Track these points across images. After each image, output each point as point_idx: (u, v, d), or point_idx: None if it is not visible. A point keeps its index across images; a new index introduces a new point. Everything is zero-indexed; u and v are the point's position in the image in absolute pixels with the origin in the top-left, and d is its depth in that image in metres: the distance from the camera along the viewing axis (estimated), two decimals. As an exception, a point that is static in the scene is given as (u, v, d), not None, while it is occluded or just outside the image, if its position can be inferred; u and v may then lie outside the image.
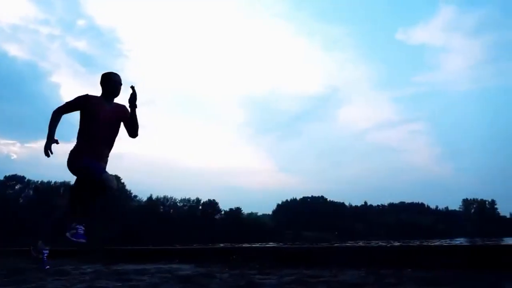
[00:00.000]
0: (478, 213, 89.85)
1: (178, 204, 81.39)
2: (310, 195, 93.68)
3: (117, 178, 59.45)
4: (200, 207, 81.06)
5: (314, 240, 58.59)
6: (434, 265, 2.22)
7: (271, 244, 10.16)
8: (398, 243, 4.23)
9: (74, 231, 2.91)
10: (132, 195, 74.57)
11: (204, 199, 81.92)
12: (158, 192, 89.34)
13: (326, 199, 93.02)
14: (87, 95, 3.10)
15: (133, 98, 3.10)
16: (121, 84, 3.18)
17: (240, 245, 6.81)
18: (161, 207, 78.70)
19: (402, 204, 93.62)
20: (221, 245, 6.27)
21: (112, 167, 3.08)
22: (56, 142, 2.96)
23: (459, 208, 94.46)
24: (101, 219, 39.66)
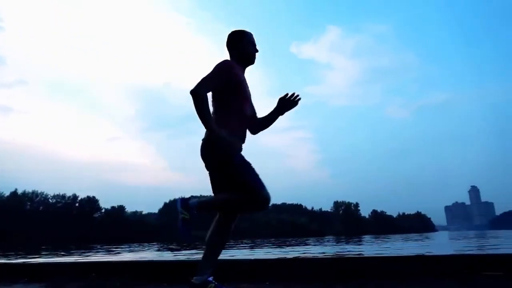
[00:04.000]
0: (345, 214, 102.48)
1: (50, 200, 72.58)
2: (198, 194, 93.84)
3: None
4: (77, 204, 73.71)
5: (200, 239, 58.50)
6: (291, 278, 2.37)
7: (142, 255, 9.83)
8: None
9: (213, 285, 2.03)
10: (-10, 189, 63.82)
11: (82, 195, 75.04)
12: (25, 186, 78.37)
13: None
14: (231, 61, 2.22)
15: (291, 107, 2.33)
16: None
17: (105, 258, 6.30)
18: (28, 203, 68.98)
19: (283, 204, 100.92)
20: (80, 259, 5.65)
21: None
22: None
23: (331, 209, 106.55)
24: None
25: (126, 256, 10.73)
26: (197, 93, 1.98)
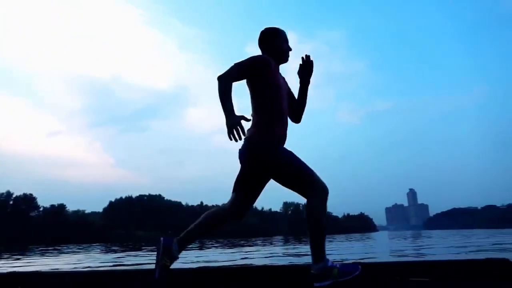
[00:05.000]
0: (294, 214, 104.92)
1: (-21, 197, 66.26)
2: (147, 193, 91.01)
3: None
4: (11, 202, 68.02)
5: (145, 240, 56.87)
6: None
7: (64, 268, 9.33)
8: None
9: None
10: None
11: (18, 192, 69.40)
12: (-50, 181, 70.83)
13: (164, 197, 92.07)
14: (269, 57, 2.10)
15: (309, 70, 2.26)
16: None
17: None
18: (-47, 201, 62.51)
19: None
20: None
21: None
22: (246, 119, 1.91)
23: (280, 209, 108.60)
24: None
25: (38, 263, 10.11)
26: (221, 79, 1.92)
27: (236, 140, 1.84)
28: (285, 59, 2.22)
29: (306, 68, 2.27)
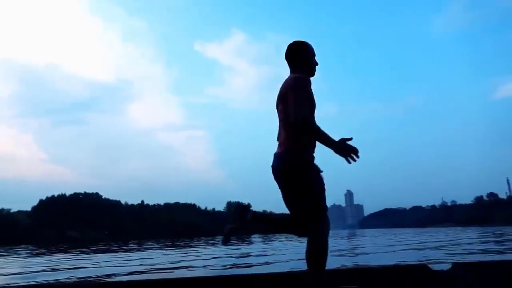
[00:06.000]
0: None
1: None
2: (83, 191, 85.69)
3: None
4: None
5: (80, 240, 53.68)
6: None
7: None
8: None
9: None
10: None
11: None
12: None
13: (101, 196, 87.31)
14: (307, 77, 2.07)
15: (343, 154, 1.97)
16: None
17: None
18: None
19: (177, 204, 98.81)
20: None
21: None
22: (347, 140, 1.93)
23: (224, 209, 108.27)
24: None
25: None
26: (309, 123, 1.94)
27: (354, 161, 1.94)
28: (313, 73, 2.19)
29: (345, 154, 1.99)
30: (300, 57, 2.16)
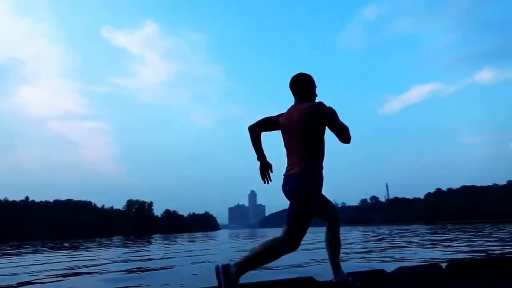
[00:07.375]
0: (138, 213, 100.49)
1: None
2: None
3: None
4: None
5: None
6: None
7: None
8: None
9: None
10: None
11: None
12: None
13: (-27, 190, 74.72)
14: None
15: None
16: None
17: None
18: None
19: (69, 201, 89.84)
20: None
21: None
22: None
23: (123, 207, 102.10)
24: None
25: None
26: (349, 139, 2.25)
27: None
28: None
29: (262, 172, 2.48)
30: (307, 89, 2.35)
